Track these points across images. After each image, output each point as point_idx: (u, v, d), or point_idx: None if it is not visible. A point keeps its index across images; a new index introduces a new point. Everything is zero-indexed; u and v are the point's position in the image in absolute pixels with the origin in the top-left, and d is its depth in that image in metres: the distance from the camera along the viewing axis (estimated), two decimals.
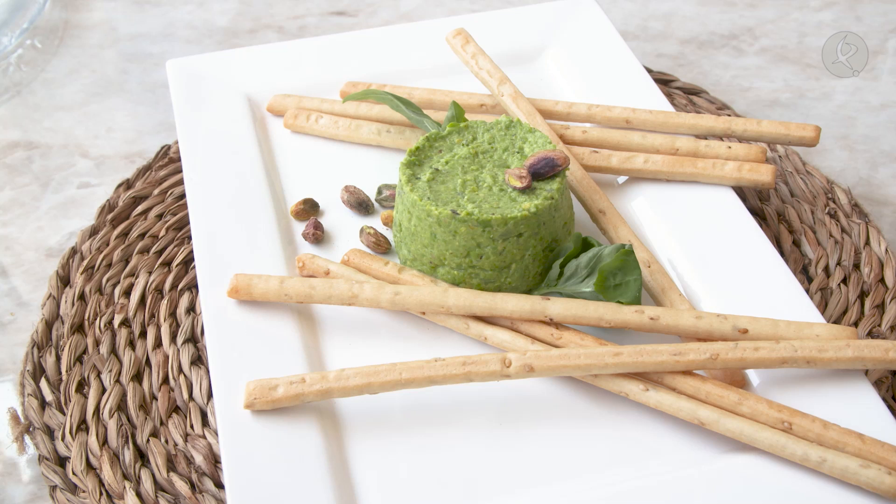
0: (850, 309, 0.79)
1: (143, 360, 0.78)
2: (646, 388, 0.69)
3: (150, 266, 0.85)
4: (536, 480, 0.67)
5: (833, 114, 1.05)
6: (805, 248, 0.84)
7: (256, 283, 0.75)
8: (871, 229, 0.84)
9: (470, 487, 0.66)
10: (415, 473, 0.67)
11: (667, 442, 0.69)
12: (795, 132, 0.85)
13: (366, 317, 0.77)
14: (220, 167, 0.86)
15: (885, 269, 0.81)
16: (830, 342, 0.69)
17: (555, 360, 0.69)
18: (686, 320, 0.71)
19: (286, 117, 0.92)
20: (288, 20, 1.20)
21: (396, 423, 0.70)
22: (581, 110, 0.89)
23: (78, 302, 0.82)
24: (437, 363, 0.69)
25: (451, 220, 0.74)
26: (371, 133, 0.90)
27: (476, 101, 0.92)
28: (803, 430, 0.66)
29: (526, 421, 0.70)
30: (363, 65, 0.98)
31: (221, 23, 1.20)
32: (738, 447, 0.68)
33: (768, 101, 1.06)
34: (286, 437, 0.68)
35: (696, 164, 0.83)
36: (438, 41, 1.00)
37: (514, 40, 1.01)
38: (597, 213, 0.81)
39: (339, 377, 0.69)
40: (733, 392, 0.68)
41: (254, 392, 0.68)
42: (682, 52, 1.13)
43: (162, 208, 0.90)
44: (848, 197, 0.88)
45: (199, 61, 0.98)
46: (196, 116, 0.91)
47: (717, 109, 0.99)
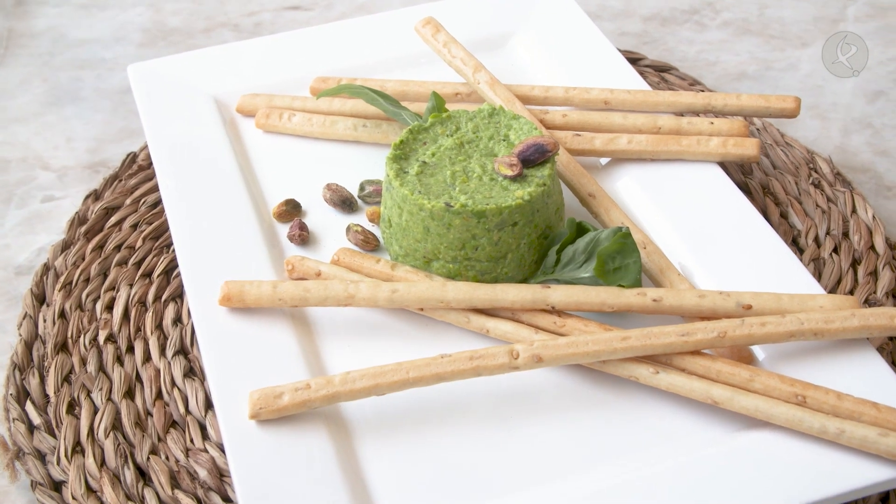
0: (843, 278, 0.79)
1: (134, 376, 0.76)
2: (656, 370, 0.68)
3: (131, 278, 0.82)
4: (554, 472, 0.66)
5: (801, 84, 1.05)
6: (793, 220, 0.84)
7: (248, 289, 0.73)
8: (857, 197, 0.85)
9: (488, 482, 0.65)
10: (430, 472, 0.66)
11: (679, 424, 0.68)
12: (776, 104, 0.85)
13: (361, 316, 0.75)
14: (195, 173, 0.84)
15: (874, 236, 0.81)
16: (835, 313, 0.69)
17: (563, 349, 0.68)
18: (689, 300, 0.71)
19: (257, 117, 0.90)
20: (242, 17, 1.17)
21: (405, 422, 0.69)
22: (558, 94, 0.88)
23: (59, 320, 0.79)
24: (444, 359, 0.68)
25: (445, 213, 0.73)
26: (347, 128, 0.88)
27: (451, 91, 0.90)
28: (818, 402, 0.65)
29: (536, 412, 0.69)
30: (330, 59, 0.96)
31: (174, 24, 1.17)
32: (751, 424, 0.67)
33: (736, 75, 1.06)
34: (294, 445, 0.66)
35: (680, 141, 0.83)
36: (405, 31, 0.98)
37: (480, 28, 0.99)
38: (586, 197, 0.80)
39: (344, 380, 0.67)
40: (744, 369, 0.67)
41: (258, 402, 0.66)
42: (645, 29, 1.13)
43: (136, 218, 0.87)
44: (830, 166, 0.88)
45: (162, 64, 0.95)
46: (164, 122, 0.88)
47: (689, 86, 0.99)
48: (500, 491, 0.65)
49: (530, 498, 0.64)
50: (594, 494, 0.63)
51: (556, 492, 0.64)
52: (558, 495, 0.64)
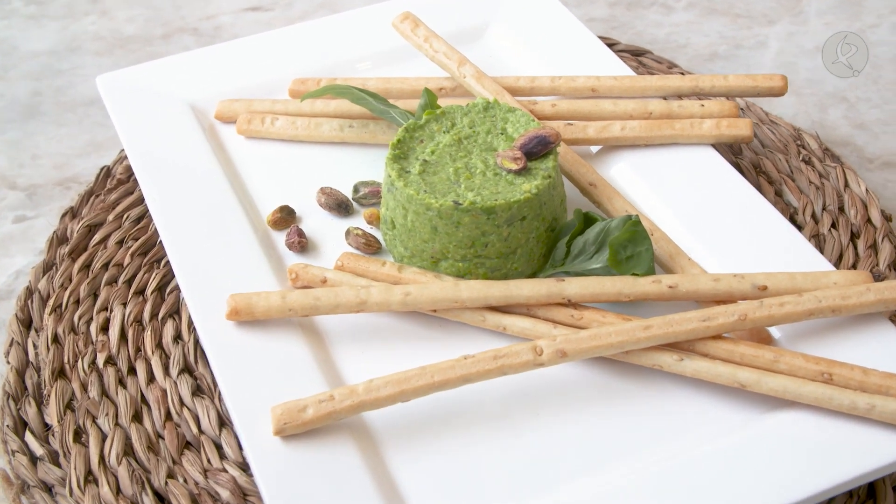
0: (844, 253, 0.80)
1: (139, 398, 0.73)
2: (680, 358, 0.68)
3: (123, 297, 0.79)
4: (590, 465, 0.65)
5: (772, 61, 1.06)
6: (788, 198, 0.84)
7: (256, 301, 0.71)
8: (847, 171, 0.85)
9: (525, 480, 0.64)
10: (464, 474, 0.65)
11: (705, 410, 0.68)
12: (763, 83, 0.85)
13: (371, 322, 0.73)
14: (181, 185, 0.81)
15: (869, 209, 0.82)
16: (851, 289, 0.69)
17: (586, 342, 0.67)
18: (705, 284, 0.71)
19: (239, 123, 0.87)
20: (201, 21, 1.14)
21: (430, 425, 0.67)
22: (544, 84, 0.88)
23: (53, 345, 0.77)
24: (468, 360, 0.66)
25: (454, 212, 0.71)
26: (333, 130, 0.86)
27: (434, 86, 0.89)
28: (844, 379, 0.66)
29: (563, 407, 0.68)
30: (304, 60, 0.94)
31: (130, 31, 1.13)
32: (777, 405, 0.67)
33: (707, 56, 1.07)
34: (321, 459, 0.64)
35: (673, 125, 0.83)
36: (377, 28, 0.96)
37: (453, 21, 0.98)
38: (587, 187, 0.79)
39: (368, 389, 0.66)
40: (768, 350, 0.67)
41: (282, 417, 0.64)
42: (612, 14, 1.12)
43: (121, 234, 0.84)
44: (817, 142, 0.89)
45: (131, 74, 0.92)
46: (141, 133, 0.85)
47: (668, 69, 0.98)
48: (538, 488, 0.64)
49: (571, 493, 0.63)
50: (635, 484, 0.63)
51: (597, 484, 0.63)
52: (600, 488, 0.63)
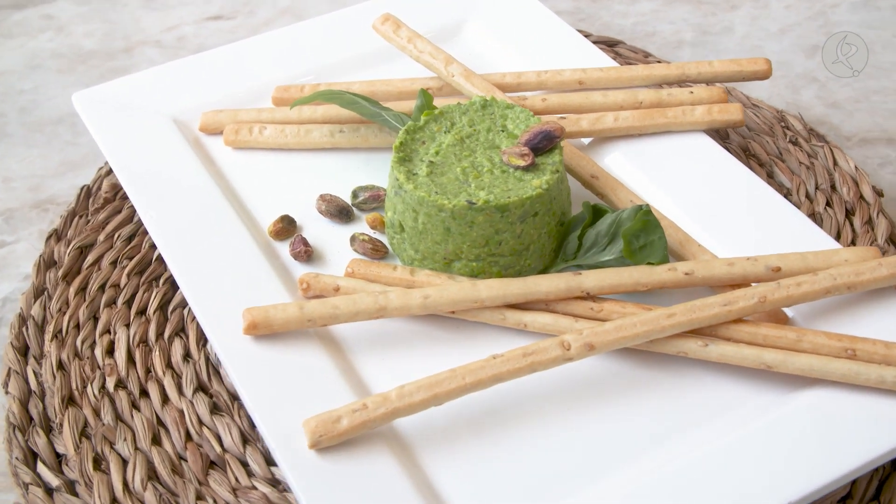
0: (842, 230, 0.81)
1: (155, 420, 0.72)
2: (704, 343, 0.68)
3: (125, 318, 0.78)
4: (624, 457, 0.65)
5: (739, 45, 1.07)
6: (780, 178, 0.86)
7: (274, 314, 0.69)
8: (835, 150, 0.87)
9: (564, 475, 0.64)
10: (501, 473, 0.64)
11: (731, 394, 0.68)
12: (748, 67, 0.86)
13: (386, 327, 0.73)
14: (175, 201, 0.79)
15: (861, 186, 0.84)
16: (864, 265, 0.70)
17: (613, 334, 0.67)
18: (720, 269, 0.71)
19: (226, 134, 0.86)
20: (162, 33, 1.12)
21: (462, 426, 0.67)
22: (531, 79, 0.88)
23: (58, 372, 0.74)
24: (497, 360, 0.66)
25: (468, 211, 0.71)
26: (323, 136, 0.85)
27: (420, 86, 0.88)
28: (867, 353, 0.67)
29: (591, 400, 0.68)
30: (282, 67, 0.93)
31: (90, 46, 1.11)
32: (801, 384, 0.68)
33: (676, 43, 1.08)
34: (360, 468, 0.63)
35: (665, 113, 0.83)
36: (353, 31, 0.95)
37: (428, 20, 0.97)
38: (589, 179, 0.79)
39: (401, 395, 0.65)
40: (790, 331, 0.68)
41: (317, 429, 0.63)
42: (578, 6, 1.13)
43: (114, 254, 0.82)
44: (801, 123, 0.90)
45: (107, 89, 0.89)
46: (126, 150, 0.83)
47: (644, 58, 0.99)
48: (581, 481, 0.64)
49: (615, 484, 0.63)
50: (677, 471, 0.63)
51: (639, 474, 0.63)
52: (643, 477, 0.63)
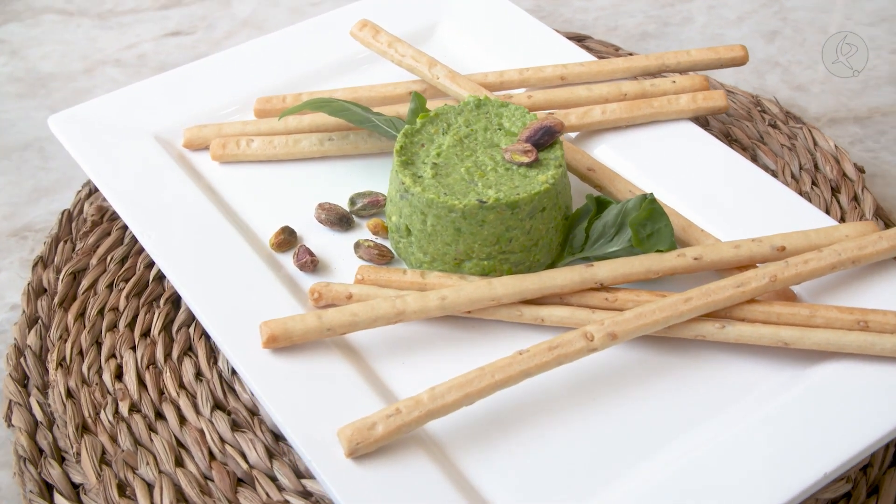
0: (830, 208, 0.83)
1: (175, 442, 0.70)
2: (721, 325, 0.69)
3: (129, 342, 0.76)
4: (655, 444, 0.66)
5: (701, 34, 1.09)
6: (764, 161, 0.87)
7: (292, 325, 0.69)
8: (813, 130, 0.89)
9: (600, 464, 0.65)
10: (539, 468, 0.65)
11: (750, 373, 0.70)
12: (725, 54, 0.88)
13: (401, 331, 0.72)
14: (171, 220, 0.78)
15: (842, 164, 0.86)
16: (865, 238, 0.72)
17: (633, 322, 0.68)
18: (727, 252, 0.73)
19: (213, 148, 0.85)
20: (121, 51, 1.10)
21: (493, 423, 0.67)
22: (513, 77, 0.88)
23: (68, 400, 0.73)
24: (524, 355, 0.66)
25: (479, 210, 0.71)
26: (313, 145, 0.84)
27: (403, 91, 0.88)
28: (879, 324, 0.69)
29: (614, 390, 0.69)
30: (259, 79, 0.92)
31: (48, 68, 1.08)
32: (816, 359, 0.69)
33: (639, 35, 1.09)
34: (399, 473, 0.63)
35: (651, 104, 0.84)
36: (326, 40, 0.95)
37: (399, 24, 0.97)
38: (586, 172, 0.80)
39: (433, 397, 0.65)
40: (802, 307, 0.70)
41: (353, 437, 0.63)
42: (537, 4, 1.14)
43: (109, 277, 0.80)
44: (777, 106, 0.92)
45: (83, 111, 0.88)
46: (112, 171, 0.82)
47: (615, 51, 1.00)
48: (618, 469, 0.64)
49: (651, 469, 0.64)
50: (711, 453, 0.64)
51: (672, 458, 0.64)
52: (675, 461, 0.64)
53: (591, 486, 0.64)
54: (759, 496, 0.61)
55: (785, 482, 0.61)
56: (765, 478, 0.62)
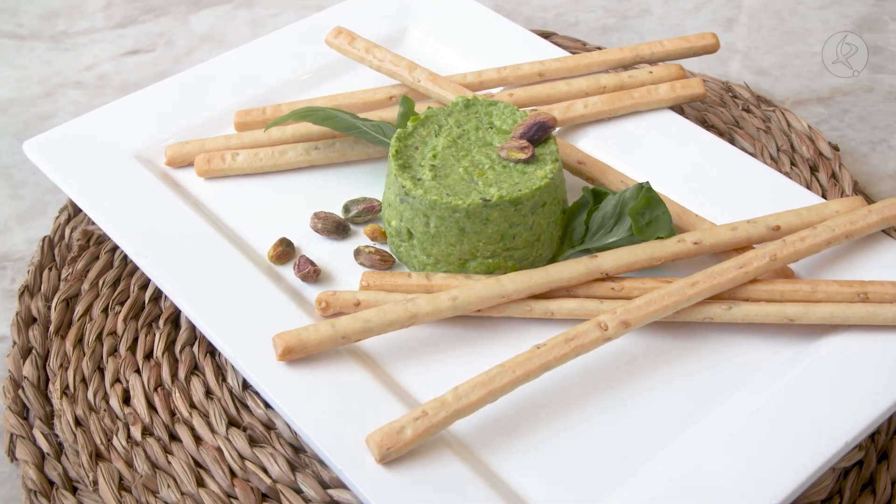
0: (811, 186, 0.85)
1: (193, 462, 0.69)
2: (728, 306, 0.71)
3: (133, 365, 0.75)
4: (682, 422, 0.67)
5: (660, 25, 1.11)
6: (742, 144, 0.89)
7: (307, 336, 0.68)
8: (786, 112, 0.91)
9: (627, 450, 0.65)
10: (565, 459, 0.65)
11: (758, 351, 0.71)
12: (697, 42, 0.90)
13: (410, 334, 0.72)
14: (164, 240, 0.77)
15: (818, 143, 0.88)
16: (856, 213, 0.74)
17: (644, 309, 0.69)
18: (724, 235, 0.74)
19: (198, 164, 0.84)
20: (80, 73, 1.08)
21: (515, 420, 0.67)
22: (492, 76, 0.89)
23: (77, 429, 0.71)
24: (542, 349, 0.67)
25: (483, 209, 0.72)
26: (299, 155, 0.84)
27: (384, 95, 0.88)
28: (879, 295, 0.71)
29: (629, 377, 0.70)
30: (233, 93, 0.91)
31: (6, 94, 1.06)
32: (820, 332, 0.71)
33: (600, 30, 1.11)
34: (430, 474, 0.63)
35: (632, 94, 0.86)
36: (297, 50, 0.95)
37: (367, 30, 0.97)
38: (577, 166, 0.81)
39: (457, 397, 0.65)
40: (804, 283, 0.71)
41: (383, 442, 0.63)
42: (496, 4, 1.15)
43: (103, 302, 0.79)
44: (748, 91, 0.94)
45: (58, 135, 0.86)
46: (98, 195, 0.80)
47: (583, 46, 1.02)
48: (646, 452, 0.65)
49: (679, 449, 0.65)
50: (734, 432, 0.65)
51: (697, 438, 0.65)
52: (700, 441, 0.65)
53: (621, 473, 0.64)
54: (792, 467, 0.62)
55: (811, 453, 0.63)
56: (792, 450, 0.64)
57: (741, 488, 0.62)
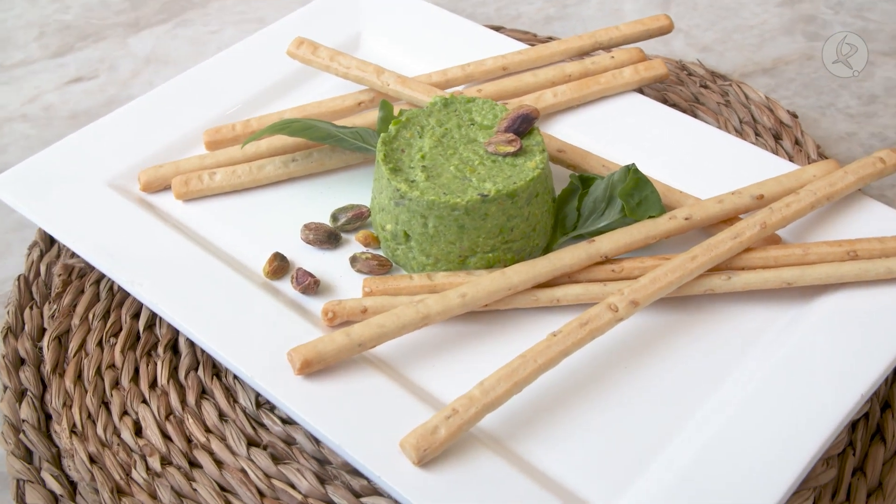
0: (777, 153, 0.88)
1: (218, 487, 0.69)
2: (727, 277, 0.73)
3: (139, 396, 0.74)
4: (704, 392, 0.69)
5: (601, 10, 1.13)
6: (706, 119, 0.92)
7: (323, 347, 0.68)
8: (742, 85, 0.94)
9: (654, 427, 0.67)
10: (596, 442, 0.66)
11: (758, 316, 0.73)
12: (653, 25, 0.92)
13: (421, 336, 0.73)
14: (155, 266, 0.76)
15: (777, 112, 0.91)
16: (833, 175, 0.77)
17: (650, 287, 0.71)
18: (712, 208, 0.76)
19: (175, 186, 0.82)
20: (25, 104, 1.06)
21: (535, 409, 0.68)
22: (457, 73, 0.89)
23: (93, 466, 0.70)
24: (558, 336, 0.68)
25: (481, 205, 0.72)
26: (277, 168, 0.84)
27: (352, 102, 0.88)
28: (867, 251, 0.73)
29: (642, 355, 0.71)
30: (199, 113, 0.90)
31: None
32: (813, 293, 0.74)
33: (544, 20, 1.12)
34: (466, 472, 0.64)
35: (598, 80, 0.87)
36: (254, 64, 0.94)
37: (324, 41, 0.96)
38: (557, 154, 0.82)
39: (484, 391, 0.66)
40: (795, 247, 0.74)
41: (419, 444, 0.63)
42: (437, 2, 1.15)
43: (96, 335, 0.78)
44: (703, 68, 0.97)
45: (24, 170, 0.84)
46: (77, 227, 0.79)
47: (534, 37, 1.03)
48: (672, 429, 0.67)
49: (707, 417, 0.67)
50: (752, 398, 0.67)
51: (715, 409, 0.67)
52: (719, 411, 0.67)
53: (654, 446, 0.66)
54: (817, 423, 0.64)
55: (830, 408, 0.65)
56: (812, 407, 0.66)
57: (776, 447, 0.64)
